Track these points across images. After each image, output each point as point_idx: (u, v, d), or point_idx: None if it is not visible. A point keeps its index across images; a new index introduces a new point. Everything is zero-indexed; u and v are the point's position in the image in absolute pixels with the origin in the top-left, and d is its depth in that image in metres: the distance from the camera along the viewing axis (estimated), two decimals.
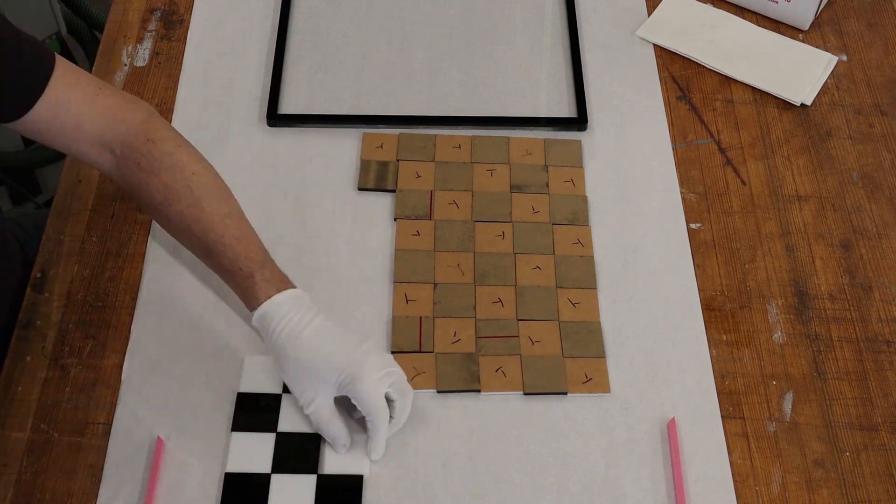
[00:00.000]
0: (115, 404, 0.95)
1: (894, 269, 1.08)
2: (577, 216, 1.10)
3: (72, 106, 0.91)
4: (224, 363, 0.98)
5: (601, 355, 0.99)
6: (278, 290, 0.90)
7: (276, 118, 1.17)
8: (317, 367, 0.89)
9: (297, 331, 0.89)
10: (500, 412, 0.96)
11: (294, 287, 0.91)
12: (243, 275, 0.90)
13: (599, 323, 1.02)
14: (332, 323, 0.91)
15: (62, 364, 0.97)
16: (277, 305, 0.89)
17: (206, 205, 0.91)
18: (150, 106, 0.97)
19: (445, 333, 1.00)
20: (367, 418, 0.90)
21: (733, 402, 0.97)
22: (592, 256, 1.07)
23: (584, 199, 1.11)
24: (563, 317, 1.02)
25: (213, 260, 0.92)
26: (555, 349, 0.99)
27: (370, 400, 0.88)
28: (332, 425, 0.90)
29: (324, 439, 0.92)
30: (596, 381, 0.98)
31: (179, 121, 1.17)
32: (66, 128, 0.91)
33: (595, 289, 1.04)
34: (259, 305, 0.89)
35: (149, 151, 0.92)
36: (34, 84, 0.89)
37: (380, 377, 0.88)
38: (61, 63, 0.91)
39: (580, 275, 1.05)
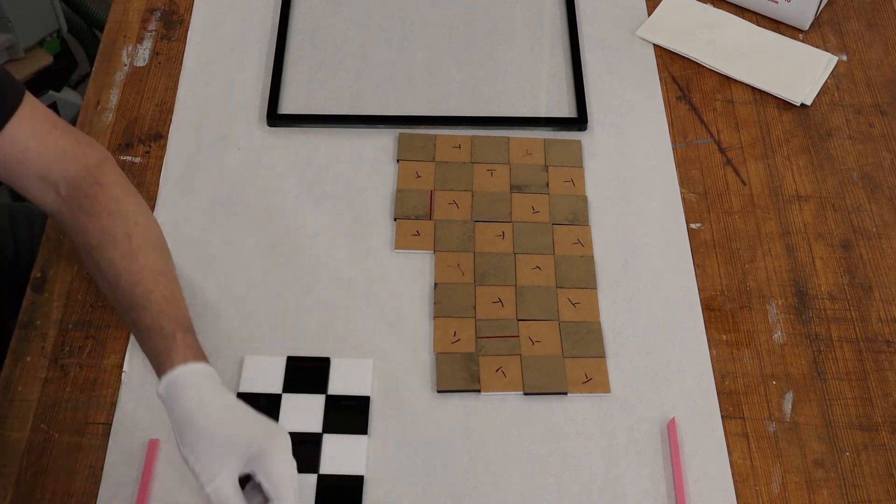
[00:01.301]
0: (115, 404, 0.95)
1: (894, 269, 1.08)
2: (577, 216, 1.10)
3: (19, 141, 0.89)
4: (224, 363, 0.98)
5: (601, 355, 0.99)
6: (196, 359, 0.83)
7: (275, 118, 1.17)
8: (226, 437, 0.80)
9: (208, 400, 0.81)
10: (500, 412, 0.96)
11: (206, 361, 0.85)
12: (163, 335, 0.84)
13: (599, 323, 1.02)
14: (244, 403, 0.83)
15: (62, 364, 0.97)
16: (192, 372, 0.82)
17: (142, 257, 0.87)
18: (107, 151, 0.95)
19: (445, 333, 1.00)
20: (271, 498, 0.79)
21: (733, 402, 0.97)
22: (592, 256, 1.07)
23: (584, 199, 1.11)
24: (563, 317, 1.02)
25: (134, 314, 0.86)
26: (555, 349, 0.99)
27: (281, 475, 0.79)
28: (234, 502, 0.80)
29: (322, 439, 0.92)
30: (596, 381, 0.98)
31: (179, 121, 1.17)
32: (11, 162, 0.90)
33: (595, 289, 1.04)
34: (174, 367, 0.82)
35: (94, 194, 0.90)
36: None
37: (289, 451, 0.81)
38: (27, 98, 0.90)
39: (580, 275, 1.05)
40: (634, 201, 1.12)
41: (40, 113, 0.91)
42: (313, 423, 0.94)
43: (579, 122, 1.18)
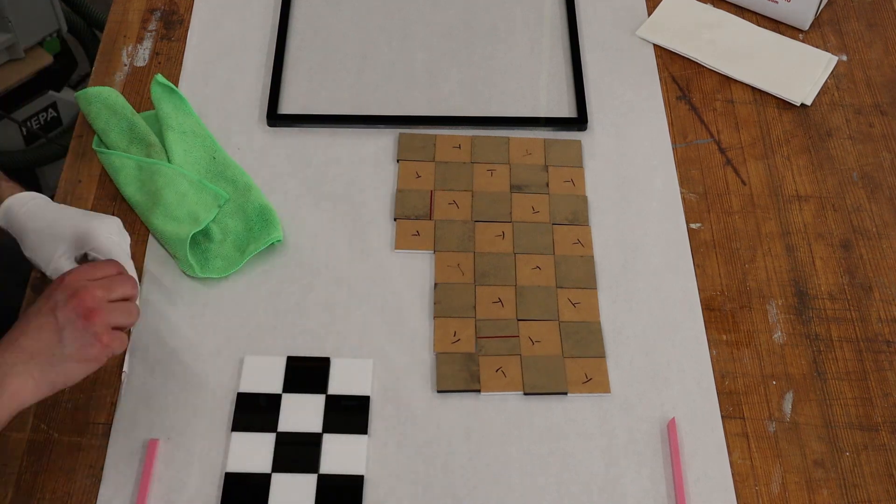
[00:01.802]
0: (115, 404, 0.95)
1: (894, 269, 1.08)
2: (577, 216, 1.10)
3: None
4: (224, 363, 0.98)
5: (601, 355, 0.99)
6: (22, 190, 0.97)
7: (275, 118, 1.17)
8: (53, 227, 0.93)
9: (37, 209, 0.95)
10: (500, 412, 0.96)
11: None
12: None
13: (599, 323, 1.02)
14: (71, 208, 0.96)
15: None
16: (19, 198, 0.96)
17: None
18: None
19: (445, 333, 1.00)
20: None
21: (733, 402, 0.97)
22: (592, 256, 1.07)
23: (584, 199, 1.11)
24: (563, 317, 1.02)
25: None
26: (555, 349, 0.99)
27: (109, 246, 0.91)
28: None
29: (322, 439, 0.92)
30: (596, 381, 0.98)
31: None
32: None
33: (595, 289, 1.04)
34: (3, 200, 0.96)
35: None
36: None
37: (117, 232, 0.93)
38: None
39: (580, 275, 1.05)
40: (634, 201, 1.12)
41: None
42: (313, 423, 0.94)
43: (579, 122, 1.18)
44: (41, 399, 0.82)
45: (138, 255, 1.05)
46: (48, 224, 0.93)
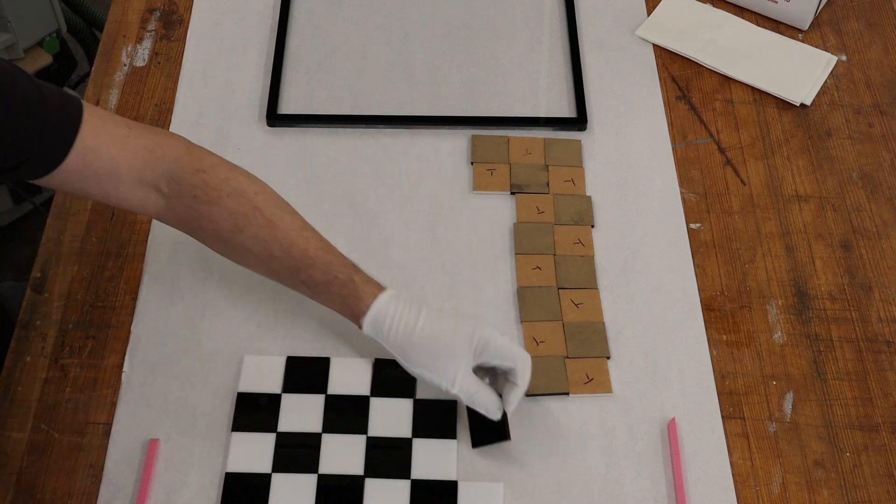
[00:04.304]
0: (115, 404, 0.95)
1: (894, 270, 1.08)
2: (583, 217, 1.09)
3: (103, 152, 0.86)
4: (224, 363, 0.98)
5: (605, 355, 0.99)
6: (380, 290, 0.90)
7: (275, 118, 1.17)
8: (448, 345, 0.88)
9: (413, 322, 0.89)
10: None
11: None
12: (341, 282, 0.89)
13: (603, 323, 1.02)
14: (437, 310, 0.92)
15: (62, 364, 0.97)
16: (386, 303, 0.89)
17: (280, 222, 0.90)
18: (182, 136, 0.94)
19: None
20: (511, 368, 0.89)
21: (733, 403, 0.97)
22: (593, 257, 1.06)
23: (588, 200, 1.11)
24: (566, 317, 1.02)
25: (303, 275, 0.90)
26: (559, 350, 0.99)
27: (511, 348, 0.89)
28: (483, 393, 0.89)
29: (322, 439, 0.92)
30: (597, 382, 0.97)
31: (179, 121, 1.17)
32: (101, 175, 0.87)
33: (596, 289, 1.04)
34: (368, 308, 0.89)
35: (203, 182, 0.88)
36: (63, 136, 0.84)
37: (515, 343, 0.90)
38: (88, 109, 0.86)
39: (582, 275, 1.05)
40: (634, 201, 1.12)
41: (110, 120, 0.88)
42: (313, 423, 0.94)
43: (579, 122, 1.18)
44: None
45: (138, 255, 1.05)
46: (435, 341, 0.89)
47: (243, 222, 0.89)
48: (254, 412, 0.94)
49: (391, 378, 0.97)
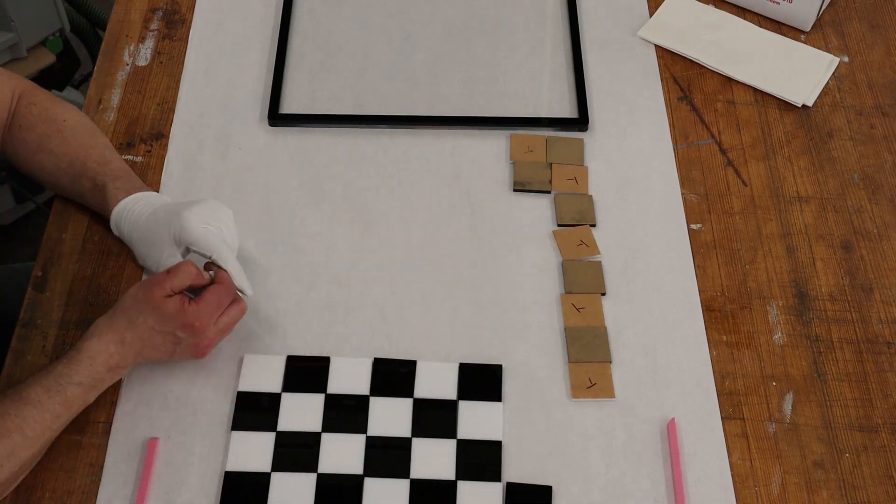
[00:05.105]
0: (116, 403, 0.95)
1: (895, 271, 1.08)
2: (584, 216, 1.09)
3: None
4: (224, 362, 0.98)
5: (607, 360, 0.99)
6: (127, 195, 1.00)
7: (277, 118, 1.17)
8: (154, 235, 0.96)
9: (136, 221, 0.99)
10: None
11: (148, 190, 1.02)
12: (99, 190, 1.01)
13: (605, 328, 1.02)
14: (169, 202, 1.00)
15: None
16: (124, 206, 1.00)
17: (73, 140, 1.04)
18: (29, 81, 1.09)
19: None
20: (209, 252, 0.94)
21: (733, 403, 0.97)
22: (600, 262, 1.06)
23: (590, 199, 1.11)
24: (568, 322, 1.02)
25: (78, 184, 1.02)
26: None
27: (201, 235, 0.94)
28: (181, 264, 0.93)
29: (321, 439, 0.93)
30: (600, 387, 0.97)
31: (181, 120, 1.17)
32: None
33: (600, 293, 1.04)
34: (109, 214, 1.00)
35: (28, 111, 1.05)
36: None
37: (210, 217, 0.95)
38: None
39: (586, 279, 1.05)
40: (635, 202, 1.12)
41: None
42: (313, 423, 0.94)
43: (580, 122, 1.18)
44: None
45: None
46: (147, 230, 0.97)
47: (44, 142, 1.04)
48: (254, 411, 0.95)
49: (391, 378, 0.97)
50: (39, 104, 1.06)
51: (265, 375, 0.97)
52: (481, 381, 0.97)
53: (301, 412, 0.95)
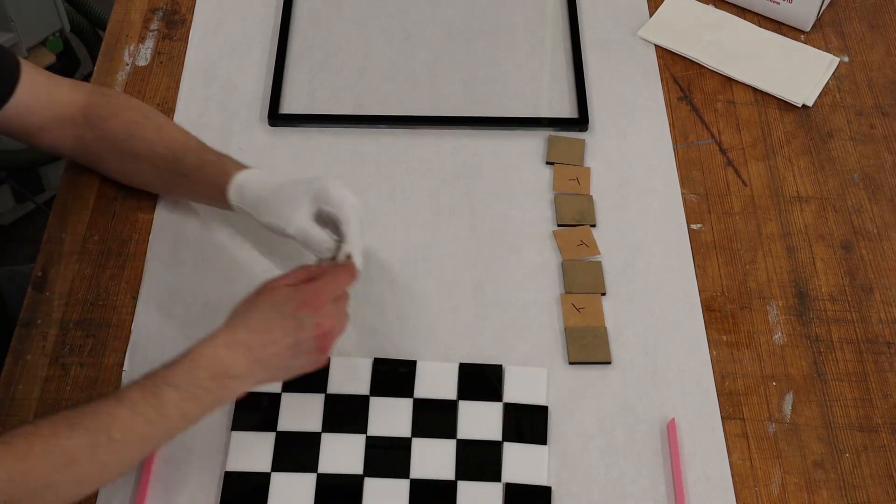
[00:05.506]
0: None
1: (895, 271, 1.08)
2: (584, 216, 1.09)
3: (29, 101, 1.00)
4: None
5: (607, 360, 0.99)
6: (246, 168, 0.99)
7: (277, 118, 1.17)
8: (288, 192, 0.94)
9: (267, 180, 0.96)
10: None
11: None
12: (212, 163, 0.99)
13: (605, 328, 1.02)
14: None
15: (63, 363, 0.98)
16: (250, 173, 0.98)
17: (166, 126, 1.04)
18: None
19: None
20: (340, 216, 0.92)
21: (733, 403, 0.97)
22: (601, 262, 1.06)
23: (590, 199, 1.11)
24: (568, 322, 1.02)
25: (181, 165, 1.00)
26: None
27: (341, 198, 0.92)
28: (315, 230, 0.92)
29: (321, 439, 0.93)
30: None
31: (181, 120, 1.17)
32: (25, 115, 1.01)
33: (600, 293, 1.04)
34: (233, 178, 0.97)
35: (107, 102, 1.05)
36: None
37: (347, 187, 0.94)
38: (25, 66, 1.01)
39: (587, 279, 1.05)
40: (635, 202, 1.12)
41: (35, 71, 1.02)
42: (313, 423, 0.94)
43: (580, 122, 1.18)
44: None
45: (139, 254, 1.05)
46: (280, 192, 0.95)
47: (134, 128, 1.02)
48: (253, 411, 0.95)
49: (391, 378, 0.97)
50: (115, 95, 1.09)
51: None
52: (481, 382, 0.97)
53: (301, 412, 0.95)
